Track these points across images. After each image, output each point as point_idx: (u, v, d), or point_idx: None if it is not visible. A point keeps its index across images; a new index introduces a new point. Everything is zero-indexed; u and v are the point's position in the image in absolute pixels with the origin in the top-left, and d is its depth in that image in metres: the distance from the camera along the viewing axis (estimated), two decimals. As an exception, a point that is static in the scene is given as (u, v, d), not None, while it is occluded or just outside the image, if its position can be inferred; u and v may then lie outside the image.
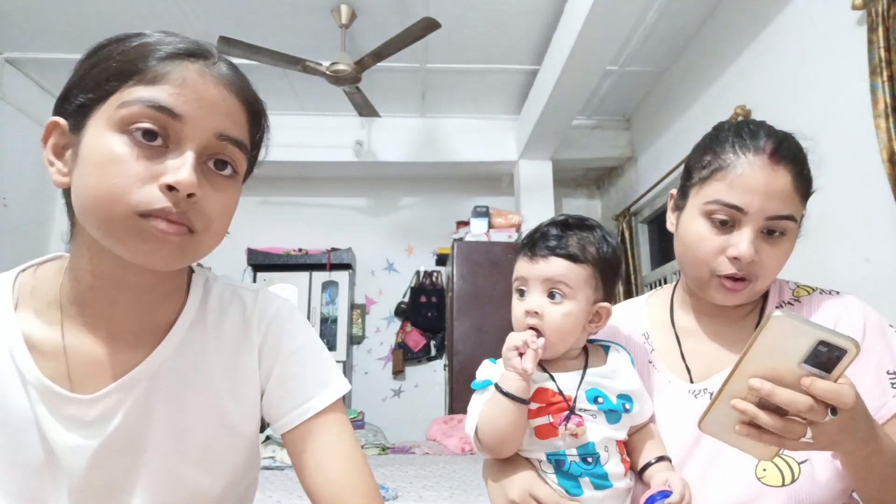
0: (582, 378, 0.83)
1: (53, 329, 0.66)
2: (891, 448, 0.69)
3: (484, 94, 4.12)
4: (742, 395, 0.62)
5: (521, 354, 0.79)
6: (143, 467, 0.67)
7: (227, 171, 0.65)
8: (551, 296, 0.83)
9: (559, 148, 4.23)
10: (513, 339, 0.80)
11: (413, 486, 2.30)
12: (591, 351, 0.89)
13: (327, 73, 3.02)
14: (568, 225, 0.88)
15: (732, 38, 2.94)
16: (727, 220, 0.80)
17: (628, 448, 0.86)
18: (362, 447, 3.45)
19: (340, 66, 2.99)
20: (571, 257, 0.84)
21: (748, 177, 0.79)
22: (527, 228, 4.24)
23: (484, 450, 0.83)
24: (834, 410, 0.59)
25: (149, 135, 0.59)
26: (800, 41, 2.43)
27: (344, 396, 0.78)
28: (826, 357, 0.58)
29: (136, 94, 0.58)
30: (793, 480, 0.75)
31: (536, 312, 0.82)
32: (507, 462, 0.84)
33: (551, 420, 0.80)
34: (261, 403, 0.76)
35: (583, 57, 2.95)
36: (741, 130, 0.83)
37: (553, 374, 0.83)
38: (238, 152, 0.65)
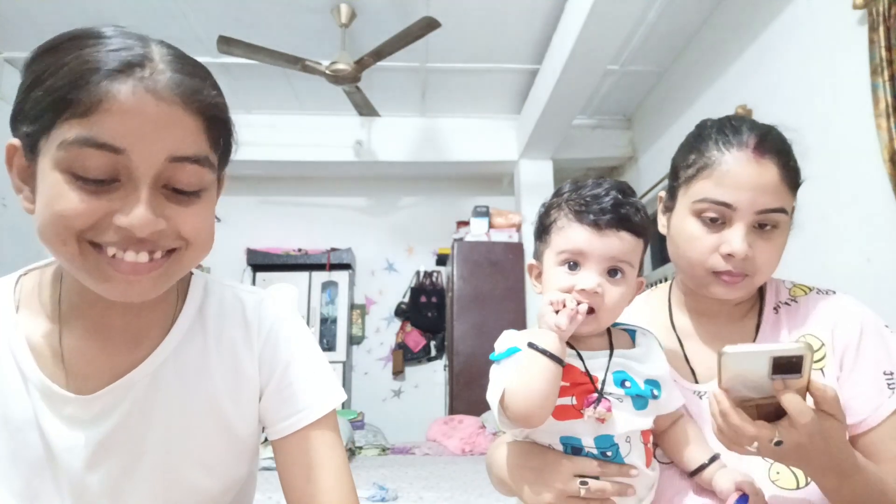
0: (609, 359, 0.77)
1: (52, 332, 0.67)
2: (869, 482, 0.70)
3: (484, 93, 4.12)
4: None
5: (556, 312, 0.72)
6: (142, 467, 0.68)
7: (192, 190, 0.60)
8: (612, 273, 0.76)
9: (560, 147, 4.22)
10: (553, 296, 0.73)
11: (413, 487, 2.30)
12: (613, 332, 0.82)
13: (327, 72, 3.01)
14: (624, 191, 0.78)
15: (733, 37, 2.94)
16: (718, 218, 0.80)
17: (667, 443, 0.82)
18: (362, 448, 3.44)
19: (340, 66, 2.99)
20: (637, 231, 0.77)
21: (735, 172, 0.78)
22: (527, 229, 4.25)
23: (509, 420, 0.74)
24: (779, 443, 0.64)
25: (92, 178, 0.55)
26: (801, 41, 2.43)
27: (344, 397, 0.77)
28: (789, 364, 0.62)
29: (73, 132, 0.53)
30: (806, 483, 0.75)
31: (597, 293, 0.74)
32: (538, 451, 0.78)
33: (574, 402, 0.74)
34: (258, 407, 0.76)
35: (583, 56, 2.94)
36: (724, 127, 0.82)
37: (581, 353, 0.77)
38: (197, 168, 0.59)
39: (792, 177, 0.81)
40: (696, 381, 0.88)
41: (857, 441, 0.79)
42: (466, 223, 4.30)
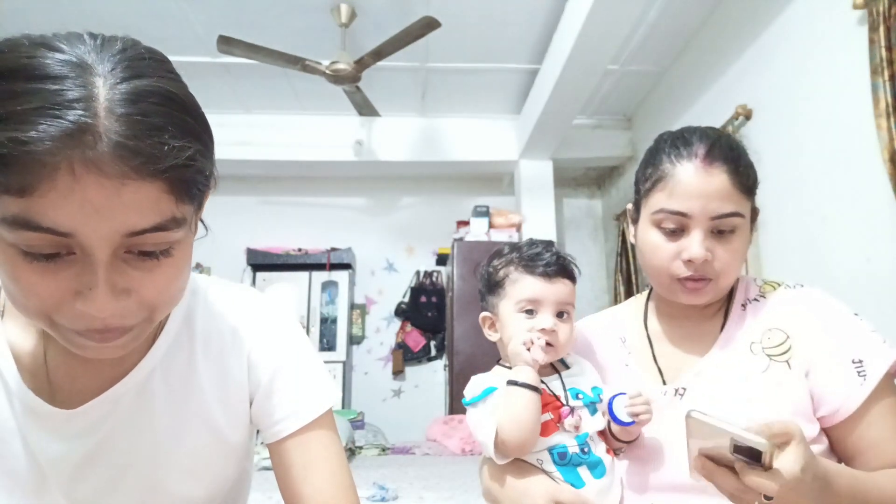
0: (562, 380, 0.90)
1: (37, 345, 0.64)
2: (848, 492, 0.70)
3: (484, 93, 4.12)
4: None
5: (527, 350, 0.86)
6: (128, 479, 0.67)
7: (159, 252, 0.53)
8: (559, 315, 0.90)
9: (560, 147, 4.22)
10: (520, 337, 0.86)
11: (413, 487, 2.30)
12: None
13: (327, 72, 3.01)
14: (557, 248, 0.95)
15: (733, 37, 2.94)
16: (676, 227, 0.84)
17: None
18: (362, 448, 3.44)
19: (340, 66, 2.99)
20: (573, 278, 0.93)
21: (685, 183, 0.83)
22: (528, 228, 4.24)
23: (507, 453, 0.83)
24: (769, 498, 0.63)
25: (43, 254, 0.48)
26: (801, 41, 2.43)
27: (344, 397, 0.76)
28: (749, 450, 0.61)
29: (11, 209, 0.46)
30: None
31: (554, 331, 0.88)
32: (518, 472, 0.85)
33: (552, 417, 0.85)
34: (250, 411, 0.74)
35: (583, 56, 2.94)
36: (676, 140, 0.87)
37: (543, 379, 0.88)
38: (163, 234, 0.51)
39: (743, 181, 0.85)
40: (664, 382, 0.92)
41: (833, 431, 0.80)
42: (466, 223, 4.30)
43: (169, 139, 0.48)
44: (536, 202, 4.32)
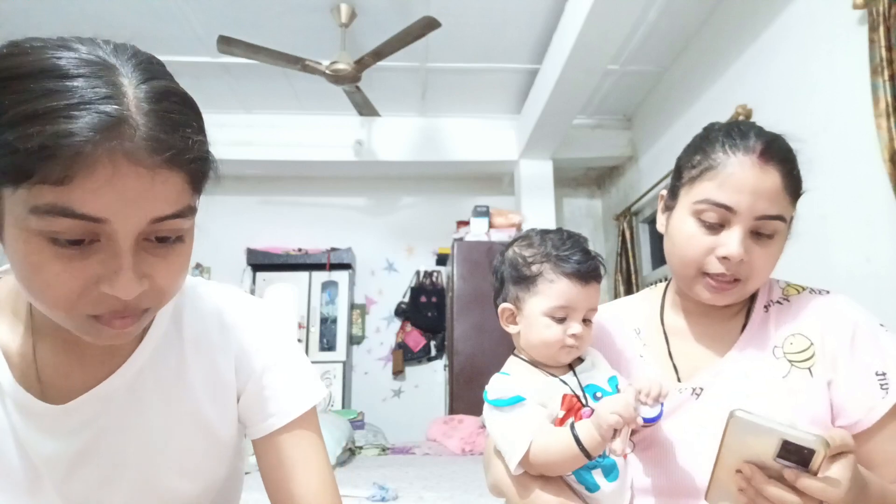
0: (577, 377, 0.86)
1: (25, 339, 0.64)
2: (880, 499, 0.70)
3: (484, 93, 4.12)
4: (732, 478, 0.64)
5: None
6: (120, 476, 0.67)
7: (173, 238, 0.56)
8: (585, 319, 0.86)
9: (560, 147, 4.22)
10: (622, 415, 0.74)
11: (413, 487, 2.30)
12: None
13: (327, 72, 3.02)
14: (586, 241, 0.90)
15: (733, 37, 2.94)
16: (717, 220, 0.80)
17: None
18: (362, 448, 3.44)
19: (340, 66, 2.99)
20: (601, 279, 0.88)
21: (738, 176, 0.79)
22: (527, 228, 4.23)
23: (529, 471, 0.81)
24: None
25: (72, 241, 0.51)
26: (801, 40, 2.43)
27: (344, 397, 0.77)
28: (798, 453, 0.58)
29: (45, 198, 0.48)
30: None
31: (581, 336, 0.85)
32: (532, 478, 0.83)
33: (572, 420, 0.82)
34: (237, 408, 0.75)
35: (583, 56, 2.94)
36: (731, 131, 0.83)
37: (561, 378, 0.85)
38: (180, 220, 0.55)
39: (794, 186, 0.82)
40: (679, 380, 0.89)
41: None
42: (466, 223, 4.30)
43: (191, 134, 0.53)
44: (536, 202, 4.32)
